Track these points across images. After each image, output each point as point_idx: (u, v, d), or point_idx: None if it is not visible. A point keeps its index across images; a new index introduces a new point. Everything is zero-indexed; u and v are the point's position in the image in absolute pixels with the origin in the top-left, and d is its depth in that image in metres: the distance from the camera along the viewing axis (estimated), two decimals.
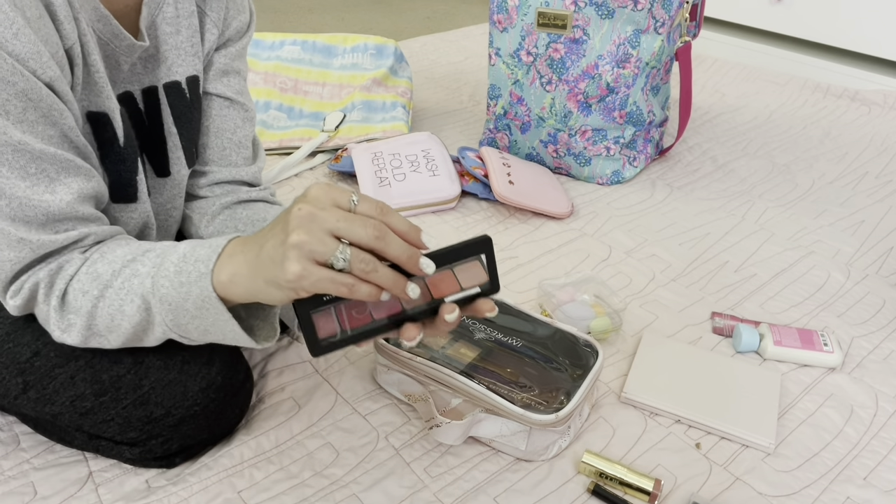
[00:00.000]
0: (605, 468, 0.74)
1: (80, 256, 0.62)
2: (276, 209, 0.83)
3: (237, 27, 0.78)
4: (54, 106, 0.57)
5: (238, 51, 0.79)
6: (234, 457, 0.77)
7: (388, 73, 1.60)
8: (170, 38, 0.70)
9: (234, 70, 0.79)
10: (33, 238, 0.59)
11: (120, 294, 0.60)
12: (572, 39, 1.27)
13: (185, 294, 0.58)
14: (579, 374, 0.78)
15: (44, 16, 0.55)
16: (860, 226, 1.26)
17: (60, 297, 0.61)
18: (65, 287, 0.61)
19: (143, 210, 0.72)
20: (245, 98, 0.81)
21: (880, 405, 0.87)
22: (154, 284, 0.59)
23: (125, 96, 0.69)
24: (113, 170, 0.67)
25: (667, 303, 1.04)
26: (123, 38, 0.64)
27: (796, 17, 2.03)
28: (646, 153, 1.40)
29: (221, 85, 0.79)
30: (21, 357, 0.71)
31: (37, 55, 0.54)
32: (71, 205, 0.60)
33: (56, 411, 0.72)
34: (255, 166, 0.84)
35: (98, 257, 0.62)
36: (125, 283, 0.60)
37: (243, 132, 0.82)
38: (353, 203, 0.51)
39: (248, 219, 0.81)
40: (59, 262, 0.61)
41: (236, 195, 0.82)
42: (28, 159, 0.57)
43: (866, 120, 1.69)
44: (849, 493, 0.76)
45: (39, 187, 0.58)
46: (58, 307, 0.62)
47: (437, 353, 0.79)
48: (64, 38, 0.58)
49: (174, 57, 0.71)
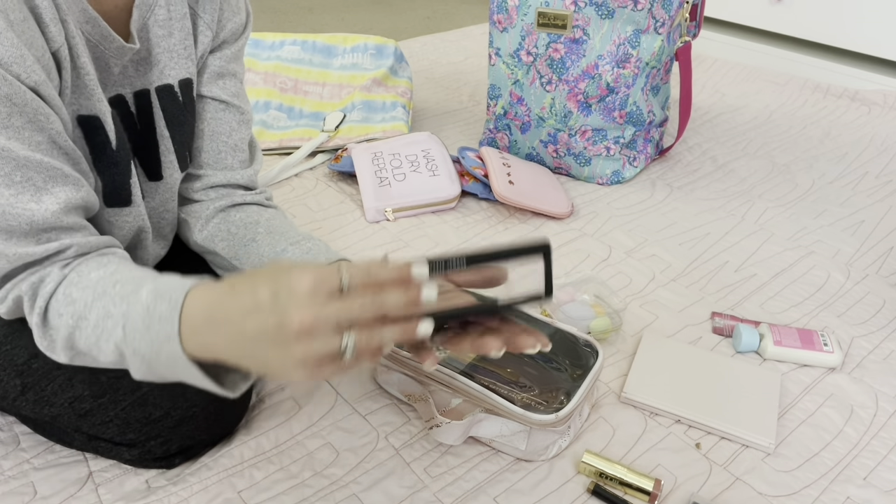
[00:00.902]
0: (605, 468, 0.74)
1: (58, 272, 0.59)
2: (270, 213, 0.82)
3: (232, 29, 0.77)
4: (40, 110, 0.55)
5: (234, 53, 0.78)
6: (234, 457, 0.77)
7: (388, 73, 1.60)
8: (162, 40, 0.69)
9: (230, 72, 0.78)
10: (10, 252, 0.57)
11: (96, 332, 0.57)
12: (572, 39, 1.27)
13: (157, 351, 0.53)
14: (579, 374, 0.78)
15: (28, 18, 0.54)
16: (860, 226, 1.26)
17: (42, 314, 0.59)
18: (45, 305, 0.59)
19: (138, 214, 0.71)
20: (241, 101, 0.80)
21: (880, 405, 0.87)
22: (125, 335, 0.54)
23: (117, 99, 0.68)
24: (106, 174, 0.66)
25: (667, 303, 1.04)
26: (113, 41, 0.63)
27: (796, 17, 2.03)
28: (646, 153, 1.40)
29: (217, 88, 0.77)
30: (19, 359, 0.70)
31: (20, 59, 0.53)
32: (56, 215, 0.58)
33: (55, 413, 0.72)
34: (250, 169, 0.83)
35: (75, 278, 0.58)
36: (99, 321, 0.56)
37: (239, 135, 0.80)
38: (343, 283, 0.47)
39: (242, 222, 0.80)
40: (40, 274, 0.59)
41: (230, 199, 0.81)
42: (13, 167, 0.55)
43: (866, 120, 1.69)
44: (849, 493, 0.76)
45: (24, 196, 0.56)
46: (40, 324, 0.59)
47: (437, 353, 0.79)
48: (50, 40, 0.56)
49: (166, 60, 0.70)
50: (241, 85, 0.81)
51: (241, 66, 0.81)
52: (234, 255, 0.78)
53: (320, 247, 0.77)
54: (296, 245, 0.76)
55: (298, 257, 0.74)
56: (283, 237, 0.77)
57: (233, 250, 0.78)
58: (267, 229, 0.79)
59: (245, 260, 0.77)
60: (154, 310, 0.53)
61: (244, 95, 0.81)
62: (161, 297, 0.53)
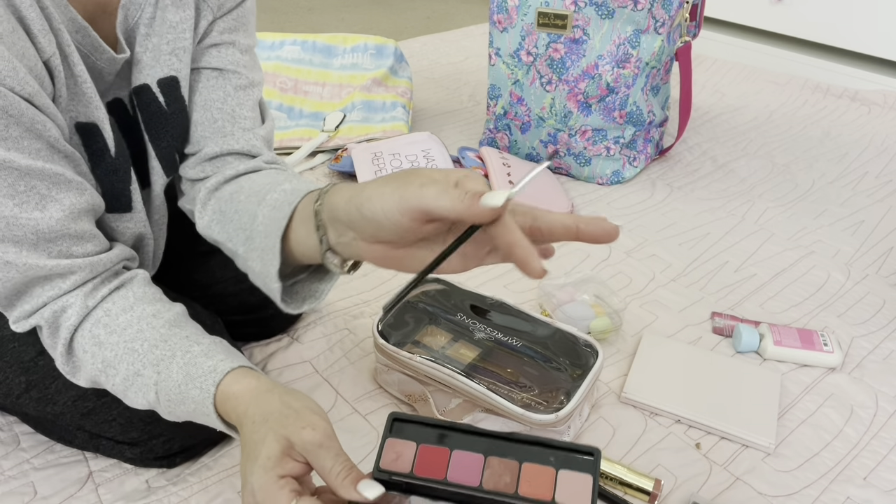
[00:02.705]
0: (605, 468, 0.74)
1: (81, 304, 0.60)
2: (262, 174, 0.71)
3: (230, 6, 0.72)
4: (36, 119, 0.55)
5: (229, 25, 0.72)
6: (234, 457, 0.77)
7: (388, 73, 1.60)
8: (144, 40, 0.66)
9: (227, 42, 0.72)
10: (20, 262, 0.57)
11: (125, 383, 0.60)
12: (572, 39, 1.27)
13: (191, 416, 0.60)
14: (579, 374, 0.78)
15: (17, 29, 0.53)
16: (860, 226, 1.26)
17: (66, 345, 0.61)
18: (70, 337, 0.60)
19: (139, 220, 0.69)
20: (241, 67, 0.72)
21: (880, 405, 0.87)
22: (159, 400, 0.60)
23: (116, 103, 0.67)
24: (105, 181, 0.64)
25: (667, 303, 1.04)
26: (103, 52, 0.62)
27: (796, 17, 2.03)
28: (646, 153, 1.40)
29: (209, 57, 0.71)
30: (26, 356, 0.71)
31: (13, 72, 0.52)
32: (62, 223, 0.57)
33: (58, 411, 0.72)
34: (250, 133, 0.73)
35: (102, 318, 0.60)
36: (129, 377, 0.60)
37: (235, 100, 0.72)
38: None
39: (229, 195, 0.69)
40: (61, 303, 0.60)
41: (222, 173, 0.71)
42: (15, 177, 0.55)
43: (866, 120, 1.69)
44: (849, 493, 0.76)
45: (29, 205, 0.56)
46: (64, 353, 0.61)
47: (437, 353, 0.79)
48: (40, 51, 0.55)
49: (148, 59, 0.67)
50: (244, 55, 0.73)
51: (245, 37, 0.74)
52: (228, 238, 0.68)
53: (285, 196, 0.63)
54: (263, 204, 0.64)
55: (267, 216, 0.63)
56: (255, 197, 0.66)
57: (226, 232, 0.69)
58: (248, 192, 0.67)
59: (237, 241, 0.67)
60: (186, 392, 0.58)
61: (247, 64, 0.74)
62: (192, 382, 0.58)
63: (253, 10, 0.74)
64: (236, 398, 0.56)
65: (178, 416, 0.60)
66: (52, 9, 0.56)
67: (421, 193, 0.48)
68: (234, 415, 0.56)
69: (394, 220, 0.49)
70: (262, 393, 0.56)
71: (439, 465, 0.53)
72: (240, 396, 0.56)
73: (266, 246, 0.60)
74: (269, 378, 0.59)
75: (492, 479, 0.51)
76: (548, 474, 0.51)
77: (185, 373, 0.58)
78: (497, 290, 1.06)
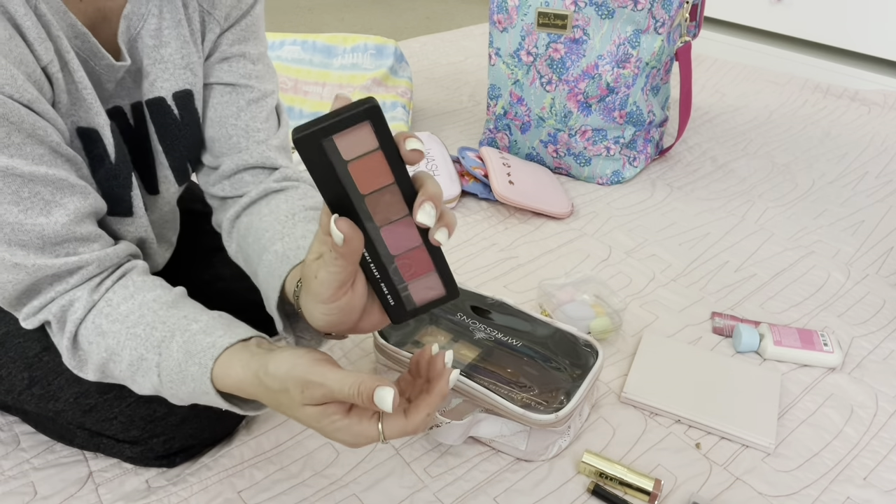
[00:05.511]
0: (605, 468, 0.74)
1: (88, 298, 0.60)
2: (264, 208, 0.72)
3: (236, 15, 0.72)
4: (37, 124, 0.55)
5: (238, 36, 0.72)
6: (234, 457, 0.77)
7: (388, 73, 1.60)
8: (152, 52, 0.66)
9: (237, 55, 0.72)
10: (29, 263, 0.57)
11: (131, 369, 0.60)
12: (572, 39, 1.27)
13: (193, 396, 0.59)
14: (579, 373, 0.78)
15: (14, 37, 0.53)
16: (860, 226, 1.26)
17: (72, 338, 0.61)
18: (75, 330, 0.61)
19: (141, 224, 0.70)
20: (253, 79, 0.73)
21: (880, 405, 0.87)
22: (162, 382, 0.60)
23: (115, 111, 0.67)
24: (105, 185, 0.65)
25: (667, 303, 1.04)
26: (102, 58, 0.62)
27: (796, 17, 2.03)
28: (646, 153, 1.40)
29: (220, 72, 0.72)
30: (30, 352, 0.71)
31: (11, 79, 0.52)
32: (67, 227, 0.58)
33: (59, 408, 0.72)
34: (263, 145, 0.74)
35: (105, 308, 0.61)
36: (134, 362, 0.60)
37: (249, 114, 0.73)
38: None
39: (246, 231, 0.73)
40: (69, 297, 0.60)
41: (239, 203, 0.74)
42: (19, 184, 0.55)
43: (866, 120, 1.69)
44: (849, 493, 0.76)
45: (34, 210, 0.56)
46: (70, 347, 0.61)
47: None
48: (38, 57, 0.56)
49: (158, 72, 0.67)
50: (255, 66, 0.74)
51: (254, 47, 0.74)
52: (253, 273, 0.72)
53: (277, 263, 0.66)
54: (261, 263, 0.69)
55: (265, 279, 0.68)
56: (258, 245, 0.70)
57: (248, 266, 0.74)
58: (255, 235, 0.71)
59: (255, 278, 0.71)
60: (186, 369, 0.57)
61: (261, 73, 0.74)
62: (191, 358, 0.57)
63: (261, 15, 0.75)
64: (238, 370, 0.56)
65: (182, 399, 0.60)
66: (51, 16, 0.56)
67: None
68: (237, 386, 0.56)
69: (326, 295, 0.51)
70: (250, 383, 0.55)
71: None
72: (242, 370, 0.56)
73: (270, 303, 0.65)
74: (262, 354, 0.56)
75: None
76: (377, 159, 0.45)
77: (185, 350, 0.58)
78: (497, 290, 1.06)
